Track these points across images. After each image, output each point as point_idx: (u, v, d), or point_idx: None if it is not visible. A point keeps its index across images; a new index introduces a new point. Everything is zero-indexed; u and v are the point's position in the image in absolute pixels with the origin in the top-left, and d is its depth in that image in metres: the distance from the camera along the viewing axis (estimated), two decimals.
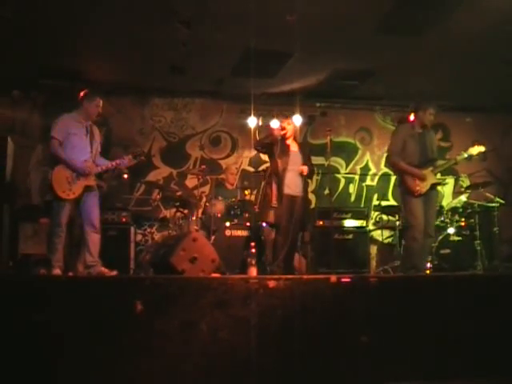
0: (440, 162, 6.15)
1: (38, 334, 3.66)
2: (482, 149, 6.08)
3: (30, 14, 6.23)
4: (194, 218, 7.16)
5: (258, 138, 6.19)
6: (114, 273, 5.48)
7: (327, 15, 6.37)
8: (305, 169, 6.16)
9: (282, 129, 6.19)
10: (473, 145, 6.20)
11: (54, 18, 6.34)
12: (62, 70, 7.72)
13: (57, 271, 5.34)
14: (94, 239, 5.54)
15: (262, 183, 6.71)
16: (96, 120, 5.81)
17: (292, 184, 6.13)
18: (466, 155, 6.09)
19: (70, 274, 5.58)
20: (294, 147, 6.32)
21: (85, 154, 5.57)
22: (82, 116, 5.65)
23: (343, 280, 4.19)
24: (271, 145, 6.21)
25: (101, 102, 5.68)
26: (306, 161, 6.29)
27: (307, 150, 6.55)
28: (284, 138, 6.24)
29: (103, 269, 5.50)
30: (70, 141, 5.51)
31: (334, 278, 4.18)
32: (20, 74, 7.82)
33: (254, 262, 5.15)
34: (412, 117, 6.89)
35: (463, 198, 7.88)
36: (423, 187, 5.83)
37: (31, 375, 3.60)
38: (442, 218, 7.37)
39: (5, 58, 7.12)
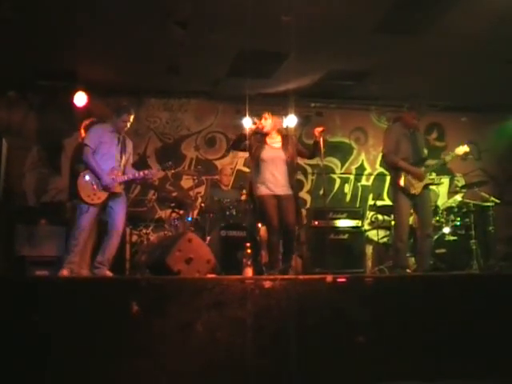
0: (431, 162, 6.24)
1: (37, 334, 3.66)
2: (466, 149, 6.18)
3: (28, 15, 6.21)
4: (189, 219, 7.16)
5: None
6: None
7: (323, 15, 6.36)
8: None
9: (257, 124, 5.80)
10: (461, 144, 6.31)
11: (52, 19, 6.33)
12: (58, 71, 7.70)
13: (64, 272, 5.36)
14: (114, 242, 5.62)
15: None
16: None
17: (274, 183, 5.74)
18: (453, 155, 6.22)
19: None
20: (275, 143, 5.89)
21: (113, 162, 5.70)
22: (114, 128, 5.79)
23: (339, 280, 4.19)
24: (243, 140, 5.82)
25: (130, 117, 5.78)
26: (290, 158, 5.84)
27: (293, 147, 5.94)
28: (262, 133, 5.86)
29: (108, 272, 5.52)
30: (101, 148, 5.66)
31: (329, 278, 4.19)
32: (16, 74, 7.80)
33: (249, 262, 5.16)
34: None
35: (458, 197, 7.91)
36: (418, 187, 5.90)
37: (30, 376, 3.59)
38: (438, 218, 7.38)
39: (1, 59, 7.09)
